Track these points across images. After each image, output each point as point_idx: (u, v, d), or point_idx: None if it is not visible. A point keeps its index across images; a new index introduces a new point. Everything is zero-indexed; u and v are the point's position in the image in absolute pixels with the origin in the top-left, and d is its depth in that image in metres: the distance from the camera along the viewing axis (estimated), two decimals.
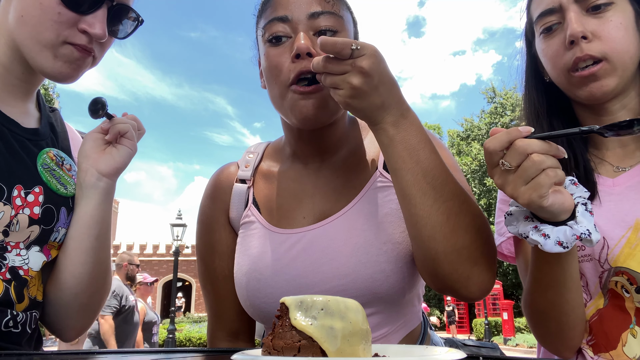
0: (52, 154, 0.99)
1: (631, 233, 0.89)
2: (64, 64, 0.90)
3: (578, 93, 0.96)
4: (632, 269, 0.88)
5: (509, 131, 0.71)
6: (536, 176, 0.69)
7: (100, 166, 0.96)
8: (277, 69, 0.88)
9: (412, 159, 0.78)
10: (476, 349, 1.15)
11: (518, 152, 0.69)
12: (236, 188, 1.09)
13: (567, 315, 0.90)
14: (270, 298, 0.93)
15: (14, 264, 0.89)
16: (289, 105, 0.88)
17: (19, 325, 0.89)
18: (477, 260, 0.80)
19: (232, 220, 1.09)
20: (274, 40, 0.89)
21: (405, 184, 0.79)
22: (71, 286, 0.97)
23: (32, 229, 0.91)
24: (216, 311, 1.09)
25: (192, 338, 15.44)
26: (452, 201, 0.79)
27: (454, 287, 0.81)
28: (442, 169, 0.80)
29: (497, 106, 30.19)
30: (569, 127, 1.02)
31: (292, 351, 0.52)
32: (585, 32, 0.91)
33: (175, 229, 14.82)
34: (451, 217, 0.78)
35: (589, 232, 0.72)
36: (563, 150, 0.70)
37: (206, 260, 1.09)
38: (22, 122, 0.96)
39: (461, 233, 0.78)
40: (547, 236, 0.74)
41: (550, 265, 0.84)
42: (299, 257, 0.94)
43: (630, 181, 0.95)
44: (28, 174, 0.92)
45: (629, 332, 0.89)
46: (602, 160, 1.01)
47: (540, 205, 0.70)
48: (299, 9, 0.88)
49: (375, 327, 0.91)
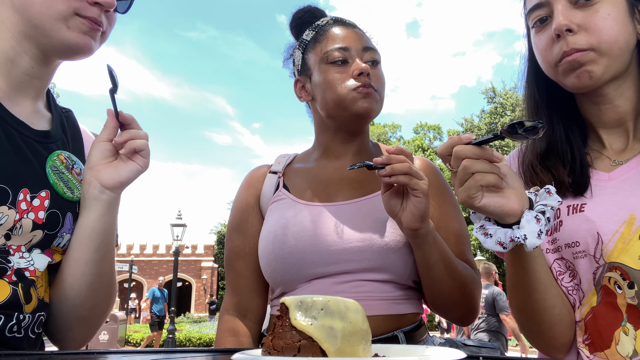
0: (63, 156, 0.97)
1: (625, 227, 0.88)
2: (78, 34, 0.90)
3: (566, 82, 0.96)
4: (625, 264, 0.87)
5: (452, 138, 0.81)
6: (467, 179, 0.78)
7: (103, 179, 0.93)
8: (342, 81, 1.13)
9: (441, 256, 1.02)
10: (476, 349, 1.16)
11: (455, 157, 0.79)
12: (269, 177, 1.26)
13: (540, 314, 0.94)
14: (294, 249, 1.07)
15: (20, 266, 0.87)
16: (353, 100, 1.12)
17: (22, 330, 0.87)
18: (474, 308, 1.12)
19: (262, 204, 1.23)
20: (339, 62, 1.15)
21: (435, 273, 1.03)
22: (70, 297, 0.96)
23: (34, 234, 0.89)
24: (233, 286, 1.22)
25: (192, 338, 15.44)
26: (464, 277, 1.06)
27: (452, 320, 1.16)
28: (454, 259, 1.05)
29: (497, 106, 30.18)
30: (570, 121, 1.06)
31: (292, 351, 0.52)
32: (571, 25, 0.90)
33: (175, 229, 14.81)
34: (463, 287, 1.06)
35: (525, 237, 0.79)
36: (498, 156, 0.78)
37: (233, 239, 1.24)
38: (32, 123, 0.94)
39: (468, 297, 1.09)
40: (490, 235, 0.82)
41: (514, 265, 0.91)
42: (324, 220, 1.10)
43: (626, 174, 0.94)
44: (35, 178, 0.90)
45: (621, 330, 0.88)
46: (601, 154, 1.01)
47: (472, 204, 0.80)
48: (354, 43, 1.17)
49: (376, 289, 1.05)
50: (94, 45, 0.94)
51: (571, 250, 0.95)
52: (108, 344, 11.50)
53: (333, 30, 1.19)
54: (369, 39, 1.21)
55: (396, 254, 1.05)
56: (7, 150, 0.87)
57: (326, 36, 1.19)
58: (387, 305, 1.05)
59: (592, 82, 0.93)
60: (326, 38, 1.19)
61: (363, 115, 1.13)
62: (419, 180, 0.93)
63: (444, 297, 1.06)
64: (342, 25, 1.21)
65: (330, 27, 1.20)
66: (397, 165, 0.93)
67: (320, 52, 1.18)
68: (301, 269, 1.07)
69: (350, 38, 1.17)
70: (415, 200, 0.94)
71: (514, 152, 1.15)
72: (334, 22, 1.22)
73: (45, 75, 0.97)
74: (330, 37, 1.18)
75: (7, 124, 0.89)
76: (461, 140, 0.79)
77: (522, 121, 0.70)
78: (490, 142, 0.76)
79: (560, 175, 0.98)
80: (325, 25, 1.22)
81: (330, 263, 1.05)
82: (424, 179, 0.94)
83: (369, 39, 1.22)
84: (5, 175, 0.85)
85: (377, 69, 1.17)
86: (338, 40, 1.17)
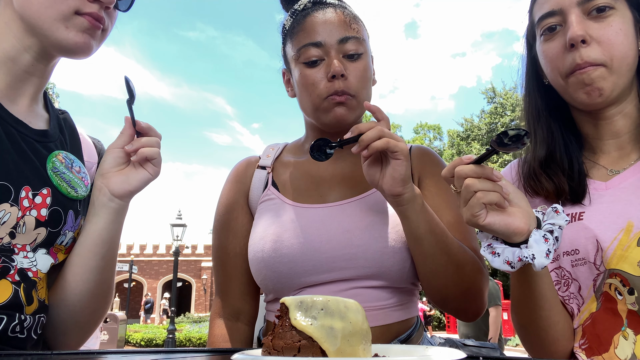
0: (62, 156, 0.97)
1: (623, 235, 0.89)
2: (77, 34, 0.89)
3: (575, 96, 0.96)
4: (625, 271, 0.88)
5: (454, 160, 0.81)
6: (470, 198, 0.78)
7: (113, 187, 0.93)
8: (314, 86, 1.05)
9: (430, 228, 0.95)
10: (476, 349, 1.15)
11: (457, 177, 0.79)
12: (257, 173, 1.19)
13: (544, 331, 0.94)
14: (285, 258, 1.02)
15: (23, 266, 0.87)
16: (325, 110, 1.06)
17: (24, 330, 0.87)
18: (475, 296, 1.01)
19: (251, 202, 1.17)
20: (310, 63, 1.05)
21: (425, 247, 0.95)
22: (71, 303, 0.95)
23: (38, 231, 0.89)
24: (223, 287, 1.17)
25: (192, 338, 15.44)
26: (459, 255, 0.97)
27: (455, 313, 1.06)
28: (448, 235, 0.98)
29: (497, 106, 30.15)
30: (568, 130, 1.06)
31: (292, 351, 0.52)
32: (585, 36, 0.91)
33: (175, 229, 14.81)
34: (459, 267, 0.97)
35: (533, 256, 0.78)
36: (497, 175, 0.78)
37: (221, 238, 1.18)
38: (31, 122, 0.94)
39: (465, 279, 0.98)
40: (497, 254, 0.81)
41: (520, 283, 0.91)
42: (315, 225, 1.04)
43: (623, 183, 0.95)
44: (36, 175, 0.90)
45: (620, 335, 0.89)
46: (596, 164, 1.01)
47: (476, 223, 0.79)
48: (330, 35, 1.05)
49: (373, 298, 1.01)
50: (93, 44, 0.93)
51: (570, 258, 0.95)
52: (108, 344, 11.50)
53: (308, 20, 1.08)
54: (350, 22, 1.08)
55: (392, 259, 1.00)
56: (7, 148, 0.87)
57: (301, 27, 1.09)
58: (384, 314, 1.01)
59: (601, 99, 0.94)
60: (300, 30, 1.08)
61: (337, 125, 1.06)
62: (397, 142, 0.89)
63: (439, 277, 0.97)
64: (320, 10, 1.09)
65: (306, 15, 1.09)
66: (369, 133, 0.88)
67: (294, 48, 1.09)
68: (293, 278, 1.02)
69: (327, 29, 1.05)
70: (394, 163, 0.90)
71: (514, 161, 1.15)
72: (312, 6, 1.11)
73: (44, 73, 0.97)
74: (304, 30, 1.08)
75: (6, 122, 0.89)
76: (462, 161, 0.80)
77: (506, 131, 0.69)
78: (487, 158, 0.76)
79: (560, 183, 0.99)
80: (303, 11, 1.12)
81: (324, 271, 1.01)
82: (401, 140, 0.91)
83: (351, 20, 1.08)
84: (7, 172, 0.85)
85: (357, 62, 1.06)
86: (312, 34, 1.05)
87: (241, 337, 1.13)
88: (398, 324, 1.03)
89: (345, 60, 1.05)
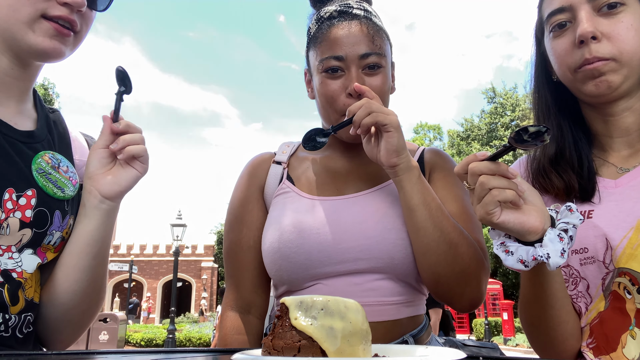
0: (48, 157, 0.96)
1: (633, 233, 0.88)
2: (44, 39, 0.88)
3: (583, 89, 0.95)
4: (634, 270, 0.87)
5: (468, 157, 0.80)
6: (484, 195, 0.77)
7: (102, 188, 0.93)
8: (333, 99, 1.08)
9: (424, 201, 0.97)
10: (476, 349, 1.16)
11: (471, 174, 0.79)
12: (272, 168, 1.21)
13: (554, 330, 0.93)
14: (300, 248, 1.04)
15: (6, 267, 0.87)
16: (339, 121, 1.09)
17: (9, 329, 0.87)
18: (470, 281, 0.99)
19: (266, 196, 1.19)
20: (331, 73, 1.08)
21: (417, 218, 0.97)
22: (63, 302, 0.95)
23: (23, 232, 0.89)
24: (235, 280, 1.17)
25: (192, 338, 15.44)
26: (453, 233, 0.97)
27: (449, 301, 1.02)
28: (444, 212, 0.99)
29: (497, 106, 30.16)
30: (577, 128, 1.05)
31: (292, 351, 0.52)
32: (596, 32, 0.90)
33: (175, 229, 14.80)
34: (452, 246, 0.96)
35: (548, 255, 0.76)
36: (513, 172, 0.77)
37: (235, 230, 1.18)
38: (17, 123, 0.94)
39: (459, 260, 0.97)
40: (511, 253, 0.79)
41: (531, 282, 0.90)
42: (330, 217, 1.06)
43: (632, 181, 0.95)
44: (20, 177, 0.89)
45: (628, 334, 0.88)
46: (606, 161, 1.01)
47: (490, 221, 0.78)
48: (351, 50, 1.07)
49: (386, 293, 1.02)
50: (64, 49, 0.92)
51: (579, 257, 0.95)
52: (108, 344, 11.50)
53: (332, 31, 1.10)
54: (373, 37, 1.09)
55: (404, 252, 1.01)
56: None
57: (324, 37, 1.11)
58: (397, 309, 1.03)
59: (610, 91, 0.93)
60: (324, 40, 1.10)
61: (349, 138, 1.07)
62: (386, 115, 0.95)
63: (431, 252, 0.97)
64: (345, 22, 1.10)
65: (331, 26, 1.11)
66: (359, 113, 0.95)
67: (317, 57, 1.11)
68: (308, 268, 1.03)
69: (349, 42, 1.07)
70: (386, 135, 0.96)
71: (523, 157, 1.14)
72: (337, 15, 1.12)
73: (27, 77, 0.97)
74: (327, 41, 1.09)
75: None
76: (476, 158, 0.79)
77: (526, 127, 0.68)
78: (503, 155, 0.74)
79: (570, 180, 0.98)
80: (328, 20, 1.13)
81: (337, 262, 1.02)
82: (390, 113, 0.96)
83: (374, 35, 1.10)
84: None
85: (376, 77, 1.08)
86: (335, 47, 1.08)
87: (252, 330, 1.13)
88: (408, 319, 1.05)
89: (366, 72, 1.08)
